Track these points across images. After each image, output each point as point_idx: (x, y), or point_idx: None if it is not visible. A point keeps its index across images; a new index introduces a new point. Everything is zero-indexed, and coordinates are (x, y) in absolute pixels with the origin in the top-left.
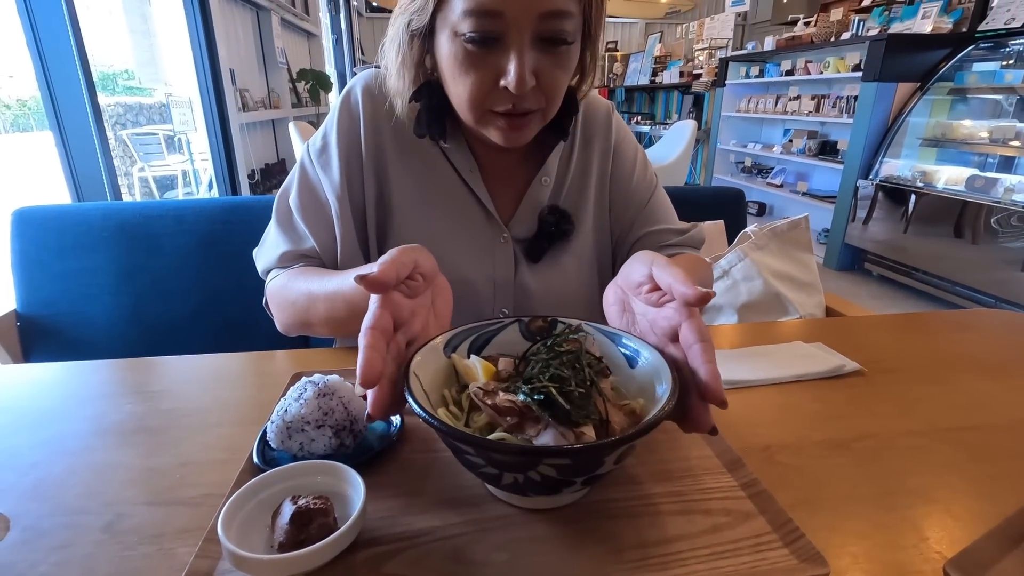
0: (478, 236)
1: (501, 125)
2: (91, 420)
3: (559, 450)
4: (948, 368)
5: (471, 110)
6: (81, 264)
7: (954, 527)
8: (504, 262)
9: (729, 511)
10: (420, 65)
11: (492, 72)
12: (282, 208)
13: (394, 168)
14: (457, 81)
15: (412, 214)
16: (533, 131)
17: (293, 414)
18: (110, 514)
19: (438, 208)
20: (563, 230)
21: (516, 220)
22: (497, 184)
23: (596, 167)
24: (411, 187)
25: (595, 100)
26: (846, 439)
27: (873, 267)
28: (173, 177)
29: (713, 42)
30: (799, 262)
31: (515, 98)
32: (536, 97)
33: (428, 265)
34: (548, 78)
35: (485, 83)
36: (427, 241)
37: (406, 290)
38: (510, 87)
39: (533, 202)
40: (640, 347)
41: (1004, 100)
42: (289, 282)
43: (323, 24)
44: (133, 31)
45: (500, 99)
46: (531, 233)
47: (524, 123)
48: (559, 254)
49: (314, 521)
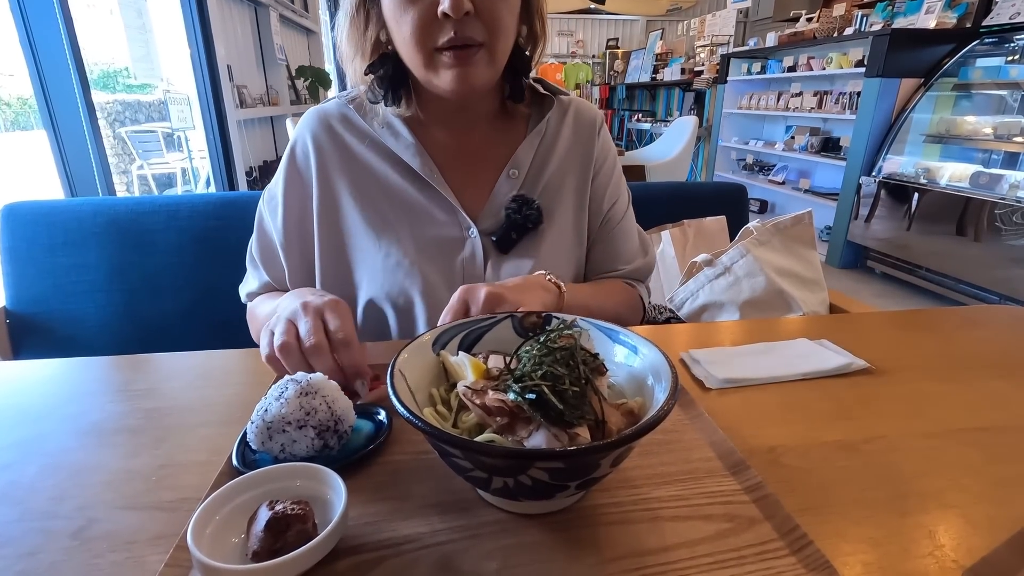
0: (445, 235)
1: (448, 62)
2: (71, 419)
3: (551, 453)
4: (959, 366)
5: (418, 49)
6: (72, 260)
7: (971, 533)
8: (472, 258)
9: (732, 516)
10: (374, 38)
11: (431, 3)
12: (250, 248)
13: (352, 195)
14: (401, 23)
15: (375, 236)
16: (482, 72)
17: (273, 414)
18: (82, 519)
19: (402, 220)
20: (527, 215)
21: (484, 214)
22: (464, 180)
23: (578, 168)
24: (372, 208)
25: (585, 105)
26: (855, 440)
27: (876, 265)
28: (172, 175)
29: (714, 39)
30: (803, 258)
31: (456, 24)
32: (477, 27)
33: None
34: (487, 7)
35: (426, 16)
36: (391, 255)
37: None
38: (447, 10)
39: (501, 196)
40: (639, 343)
41: (1009, 96)
42: (255, 308)
43: (322, 21)
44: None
45: (442, 29)
46: (499, 225)
47: (470, 57)
48: (531, 245)
49: (291, 528)
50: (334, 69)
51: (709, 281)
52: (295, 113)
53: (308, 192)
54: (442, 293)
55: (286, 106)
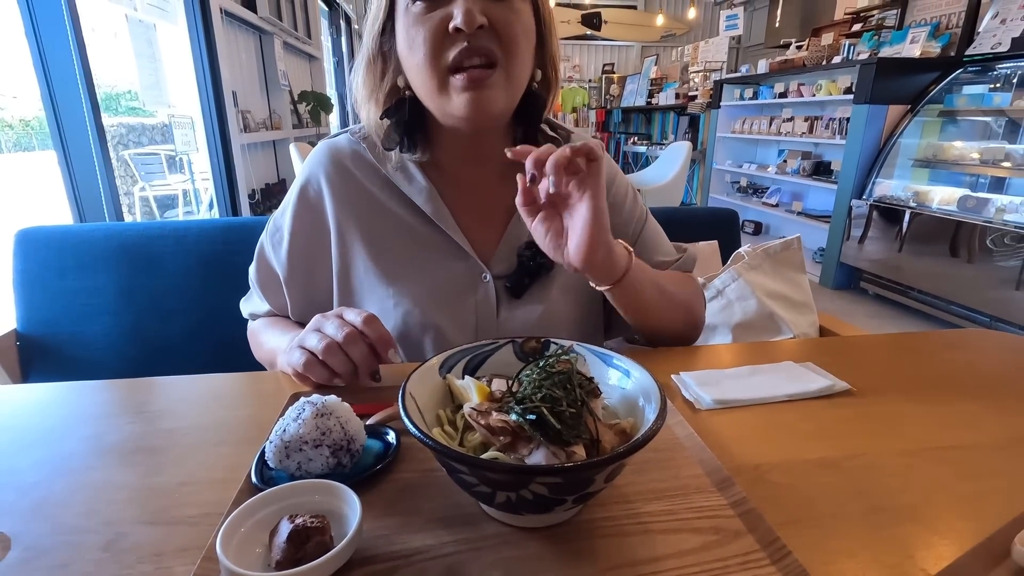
0: (458, 280)
1: (461, 85)
2: (91, 440)
3: (550, 469)
4: (937, 387)
5: (432, 70)
6: (82, 284)
7: (939, 545)
8: (486, 301)
9: (718, 529)
10: (390, 83)
11: (443, 20)
12: (250, 276)
13: (364, 236)
14: (415, 46)
15: (386, 282)
16: (498, 96)
17: (291, 434)
18: (110, 533)
19: (414, 264)
20: (541, 264)
21: (497, 258)
22: (476, 224)
23: None
24: (383, 251)
25: (586, 138)
26: (836, 458)
27: (869, 286)
28: (174, 196)
29: (708, 65)
30: (792, 282)
31: (469, 39)
32: (491, 43)
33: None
34: (501, 22)
35: (438, 32)
36: (401, 304)
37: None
38: (459, 24)
39: (513, 240)
40: (631, 367)
41: (993, 122)
42: (257, 329)
43: (325, 47)
44: (139, 55)
45: (455, 45)
46: (512, 270)
47: (484, 79)
48: (543, 288)
49: (311, 540)
50: (335, 94)
51: None
52: (297, 137)
53: (319, 229)
54: (453, 338)
55: (288, 130)
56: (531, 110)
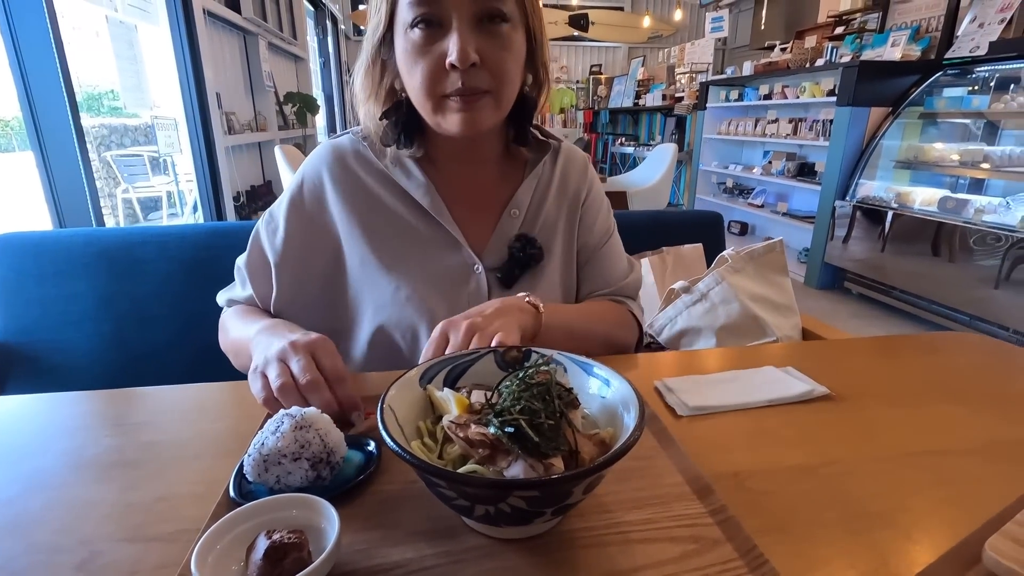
0: (452, 271)
1: (455, 106)
2: (69, 454)
3: (527, 482)
4: (915, 392)
5: (427, 96)
6: (61, 291)
7: (912, 551)
8: (478, 292)
9: (697, 538)
10: (388, 86)
11: (439, 55)
12: (239, 263)
13: (363, 228)
14: (413, 72)
15: (385, 270)
16: (488, 116)
17: (270, 447)
18: (85, 551)
19: (412, 255)
20: (530, 255)
21: (488, 251)
22: (469, 218)
23: (567, 207)
24: (383, 242)
25: (574, 150)
26: (814, 464)
27: (853, 286)
28: (158, 198)
29: (694, 66)
30: (775, 285)
31: (463, 75)
32: (483, 77)
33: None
34: (493, 58)
35: (435, 67)
36: (402, 288)
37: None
38: (454, 61)
39: (504, 234)
40: (610, 376)
41: (972, 124)
42: (227, 321)
43: (310, 48)
44: (120, 57)
45: (449, 79)
46: (503, 261)
47: (476, 103)
48: (531, 280)
49: (288, 556)
50: (321, 95)
51: (687, 307)
52: (283, 139)
53: (317, 221)
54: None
55: (274, 131)
56: (523, 110)
